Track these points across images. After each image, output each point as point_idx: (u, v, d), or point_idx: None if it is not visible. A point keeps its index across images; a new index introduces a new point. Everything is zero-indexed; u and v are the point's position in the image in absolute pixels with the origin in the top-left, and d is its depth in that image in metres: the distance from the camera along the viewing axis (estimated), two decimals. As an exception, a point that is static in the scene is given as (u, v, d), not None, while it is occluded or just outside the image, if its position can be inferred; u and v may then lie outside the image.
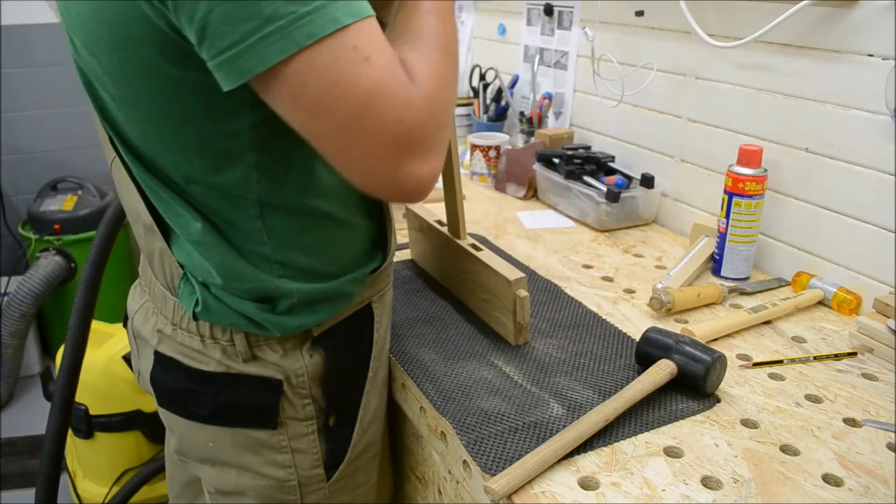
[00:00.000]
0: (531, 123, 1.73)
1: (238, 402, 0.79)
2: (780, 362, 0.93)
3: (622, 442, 0.77)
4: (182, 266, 0.78)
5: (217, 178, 0.71)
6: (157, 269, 0.82)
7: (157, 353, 0.82)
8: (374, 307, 0.87)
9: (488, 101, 1.86)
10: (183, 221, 0.74)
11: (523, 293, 0.91)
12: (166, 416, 0.85)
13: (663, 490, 0.70)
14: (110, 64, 0.66)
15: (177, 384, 0.81)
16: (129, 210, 0.82)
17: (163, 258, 0.79)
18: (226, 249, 0.74)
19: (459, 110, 1.92)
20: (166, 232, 0.78)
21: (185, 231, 0.75)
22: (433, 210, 1.15)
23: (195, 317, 0.78)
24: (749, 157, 1.11)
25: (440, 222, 1.09)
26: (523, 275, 0.92)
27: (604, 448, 0.76)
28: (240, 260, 0.75)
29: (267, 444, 0.81)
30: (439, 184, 1.12)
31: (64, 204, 2.48)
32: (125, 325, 0.94)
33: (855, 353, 0.95)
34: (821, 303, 1.09)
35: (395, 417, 1.04)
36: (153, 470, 1.71)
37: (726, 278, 1.16)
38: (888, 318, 0.95)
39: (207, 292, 0.77)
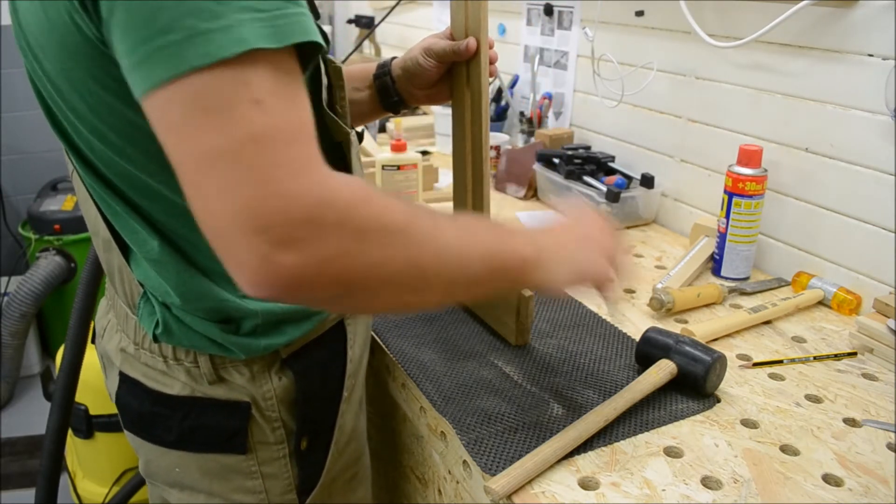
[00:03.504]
0: (531, 123, 1.73)
1: (205, 427, 0.76)
2: (780, 362, 0.93)
3: (622, 442, 0.77)
4: (142, 284, 0.74)
5: (173, 194, 0.66)
6: (117, 286, 0.77)
7: (121, 374, 0.79)
8: (347, 324, 0.84)
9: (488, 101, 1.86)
10: (139, 239, 0.70)
11: (528, 293, 0.91)
12: (132, 439, 0.82)
13: (663, 490, 0.70)
14: (53, 72, 0.62)
15: (142, 407, 0.77)
16: (88, 223, 0.77)
17: (122, 275, 0.75)
18: (185, 269, 0.70)
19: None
20: (125, 248, 0.74)
21: (142, 249, 0.70)
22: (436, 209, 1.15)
23: (156, 339, 0.74)
24: (749, 157, 1.11)
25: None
26: (527, 274, 0.92)
27: (604, 448, 0.76)
28: (200, 279, 0.70)
29: (236, 469, 0.78)
30: (447, 181, 1.11)
31: (64, 204, 2.48)
32: (93, 342, 0.89)
33: (855, 353, 0.95)
34: (821, 303, 1.09)
35: (395, 417, 1.04)
36: (153, 470, 1.71)
37: (726, 278, 1.16)
38: (888, 318, 0.95)
39: (168, 313, 0.73)
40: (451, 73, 0.97)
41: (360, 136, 0.87)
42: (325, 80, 0.73)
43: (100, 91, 0.60)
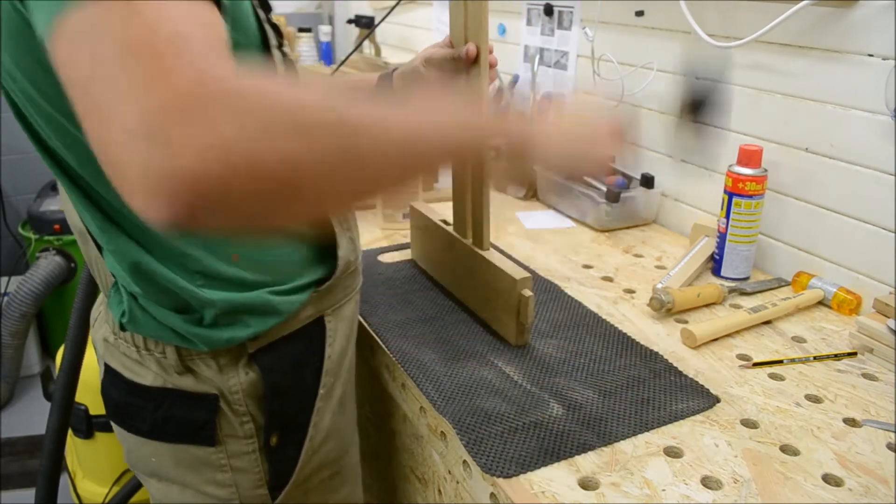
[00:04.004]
0: (531, 123, 1.73)
1: (176, 418, 0.77)
2: (780, 362, 0.93)
3: (622, 442, 0.77)
4: (113, 275, 0.75)
5: None
6: (97, 277, 0.79)
7: (105, 364, 0.80)
8: (327, 321, 0.83)
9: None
10: (96, 228, 0.71)
11: (528, 293, 0.91)
12: (115, 430, 0.84)
13: (663, 490, 0.70)
14: (8, 63, 0.62)
15: (120, 397, 0.79)
16: (68, 217, 0.78)
17: (98, 266, 0.77)
18: (140, 258, 0.71)
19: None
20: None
21: (101, 238, 0.72)
22: (436, 209, 1.15)
23: (122, 328, 0.75)
24: (749, 157, 1.11)
25: (445, 221, 1.09)
26: (529, 275, 0.91)
27: (604, 448, 0.76)
28: (157, 269, 0.71)
29: (206, 461, 0.78)
30: (447, 182, 1.12)
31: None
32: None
33: (855, 353, 0.95)
34: (821, 303, 1.09)
35: (395, 417, 1.04)
36: (153, 470, 1.71)
37: (726, 278, 1.16)
38: (888, 318, 0.95)
39: (134, 303, 0.74)
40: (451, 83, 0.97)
41: None
42: (280, 70, 0.72)
43: (43, 75, 0.60)
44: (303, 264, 0.80)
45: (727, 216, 1.14)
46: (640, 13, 1.39)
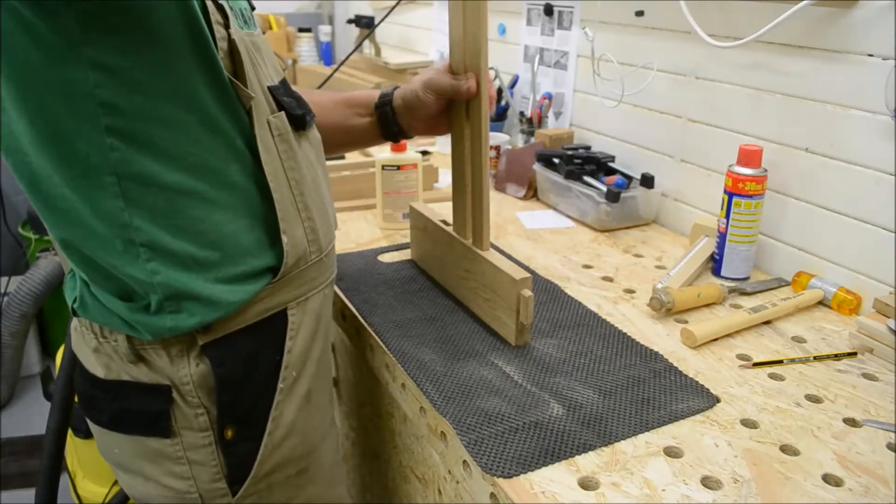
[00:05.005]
0: (531, 123, 1.73)
1: (132, 410, 0.77)
2: (780, 362, 0.93)
3: (622, 442, 0.77)
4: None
5: (68, 147, 0.66)
6: (62, 263, 0.81)
7: (74, 354, 0.82)
8: (291, 314, 0.82)
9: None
10: (42, 214, 0.72)
11: (528, 293, 0.91)
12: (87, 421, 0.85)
13: (663, 490, 0.70)
14: None
15: (84, 388, 0.81)
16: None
17: (59, 252, 0.78)
18: (83, 244, 0.71)
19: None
20: None
21: (48, 225, 0.72)
22: (436, 209, 1.15)
23: (74, 312, 0.77)
24: (749, 157, 1.11)
25: (445, 222, 1.09)
26: (528, 275, 0.91)
27: (604, 448, 0.76)
28: (100, 255, 0.71)
29: (163, 453, 0.78)
30: (447, 182, 1.12)
31: (64, 204, 2.48)
32: None
33: (855, 353, 0.95)
34: (821, 303, 1.09)
35: (395, 417, 1.04)
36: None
37: (726, 278, 1.16)
38: (888, 318, 0.95)
39: (86, 288, 0.75)
40: (450, 107, 0.99)
41: (302, 120, 0.82)
42: (223, 46, 0.72)
43: (8, 35, 0.61)
44: (255, 246, 0.78)
45: (727, 216, 1.14)
46: (640, 13, 1.39)
